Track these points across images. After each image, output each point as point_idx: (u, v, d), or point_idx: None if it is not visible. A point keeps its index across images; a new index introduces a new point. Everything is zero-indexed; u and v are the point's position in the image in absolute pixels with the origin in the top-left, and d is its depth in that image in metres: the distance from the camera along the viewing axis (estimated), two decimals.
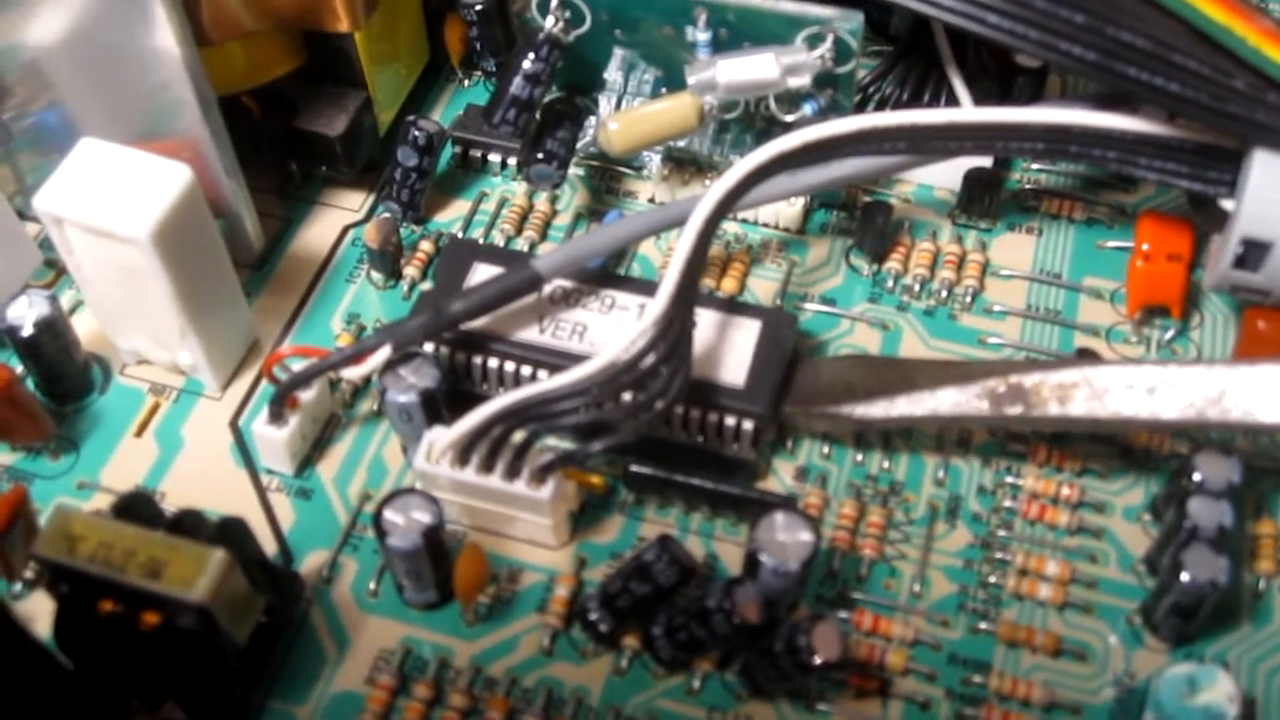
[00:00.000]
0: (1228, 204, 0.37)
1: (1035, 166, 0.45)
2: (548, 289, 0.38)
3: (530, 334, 0.37)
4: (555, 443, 0.37)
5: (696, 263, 0.35)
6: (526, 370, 0.36)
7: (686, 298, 0.34)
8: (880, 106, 0.44)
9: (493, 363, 0.37)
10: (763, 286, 0.42)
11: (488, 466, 0.34)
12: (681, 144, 0.43)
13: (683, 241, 0.35)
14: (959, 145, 0.38)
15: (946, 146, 0.38)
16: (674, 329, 0.34)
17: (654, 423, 0.34)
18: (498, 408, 0.33)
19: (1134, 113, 0.37)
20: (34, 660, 0.30)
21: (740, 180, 0.35)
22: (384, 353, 0.35)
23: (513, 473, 0.34)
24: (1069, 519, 0.36)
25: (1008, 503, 0.37)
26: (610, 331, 0.37)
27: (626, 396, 0.34)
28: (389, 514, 0.33)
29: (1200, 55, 0.34)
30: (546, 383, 0.34)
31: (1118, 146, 0.37)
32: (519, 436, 0.34)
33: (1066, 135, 0.37)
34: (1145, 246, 0.41)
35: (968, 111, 0.39)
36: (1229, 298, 0.41)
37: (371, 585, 0.36)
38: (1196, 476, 0.34)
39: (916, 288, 0.42)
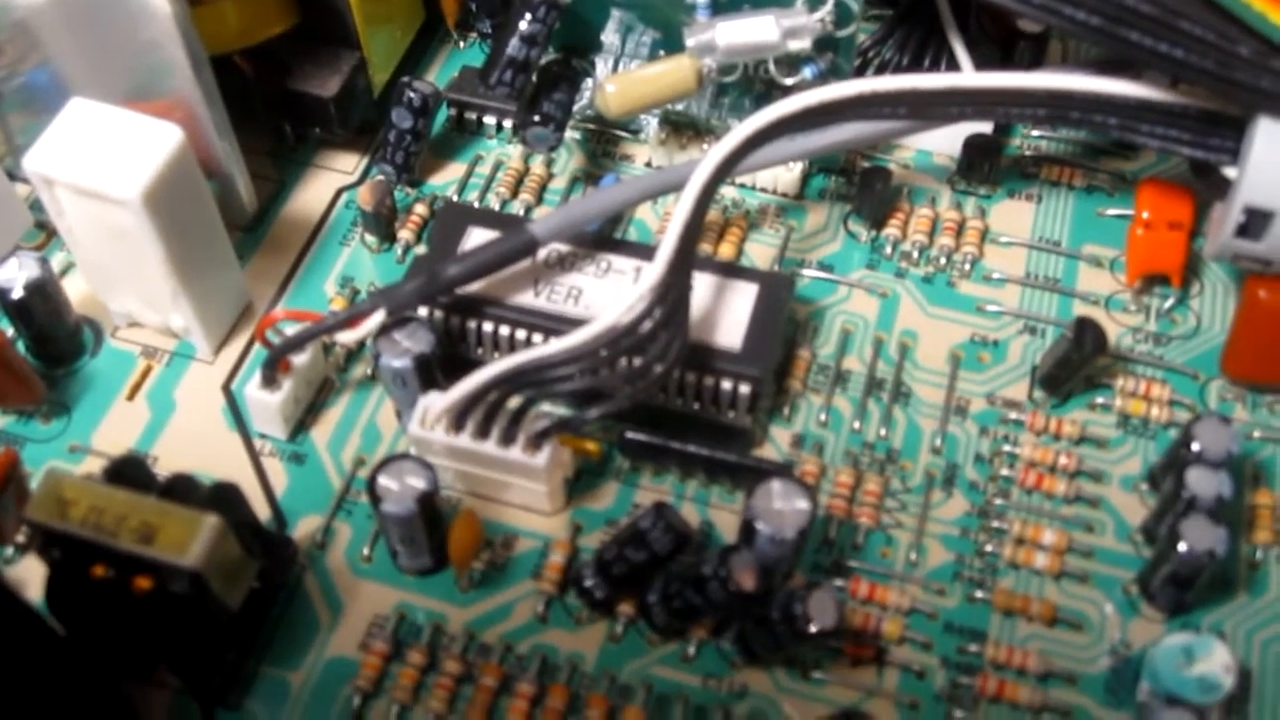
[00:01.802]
0: (1230, 172, 0.36)
1: (1035, 133, 0.45)
2: (543, 253, 0.37)
3: (526, 298, 0.36)
4: (551, 409, 0.37)
5: (694, 227, 0.34)
6: (522, 335, 0.36)
7: (684, 263, 0.34)
8: (880, 71, 0.44)
9: (487, 327, 0.36)
10: (760, 252, 0.41)
11: (483, 432, 0.34)
12: (679, 107, 0.42)
13: (680, 206, 0.34)
14: (960, 110, 0.37)
15: (947, 112, 0.37)
16: (671, 294, 0.34)
17: (651, 388, 0.34)
18: (494, 373, 0.33)
19: (1136, 79, 0.36)
20: (25, 625, 0.30)
21: (739, 145, 0.35)
22: (378, 317, 0.35)
23: (508, 439, 0.34)
24: (1066, 488, 0.36)
25: (1005, 471, 0.37)
26: (606, 295, 0.36)
27: (623, 362, 0.33)
28: (383, 480, 0.33)
29: (1205, 21, 0.34)
30: (543, 348, 0.34)
31: (1119, 113, 0.36)
32: (515, 402, 0.33)
33: (1068, 101, 0.37)
34: (1146, 214, 0.40)
35: (969, 76, 0.38)
36: (1230, 266, 0.41)
37: (365, 551, 0.35)
38: (1195, 446, 0.34)
39: (915, 254, 0.41)
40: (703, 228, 0.37)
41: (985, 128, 0.43)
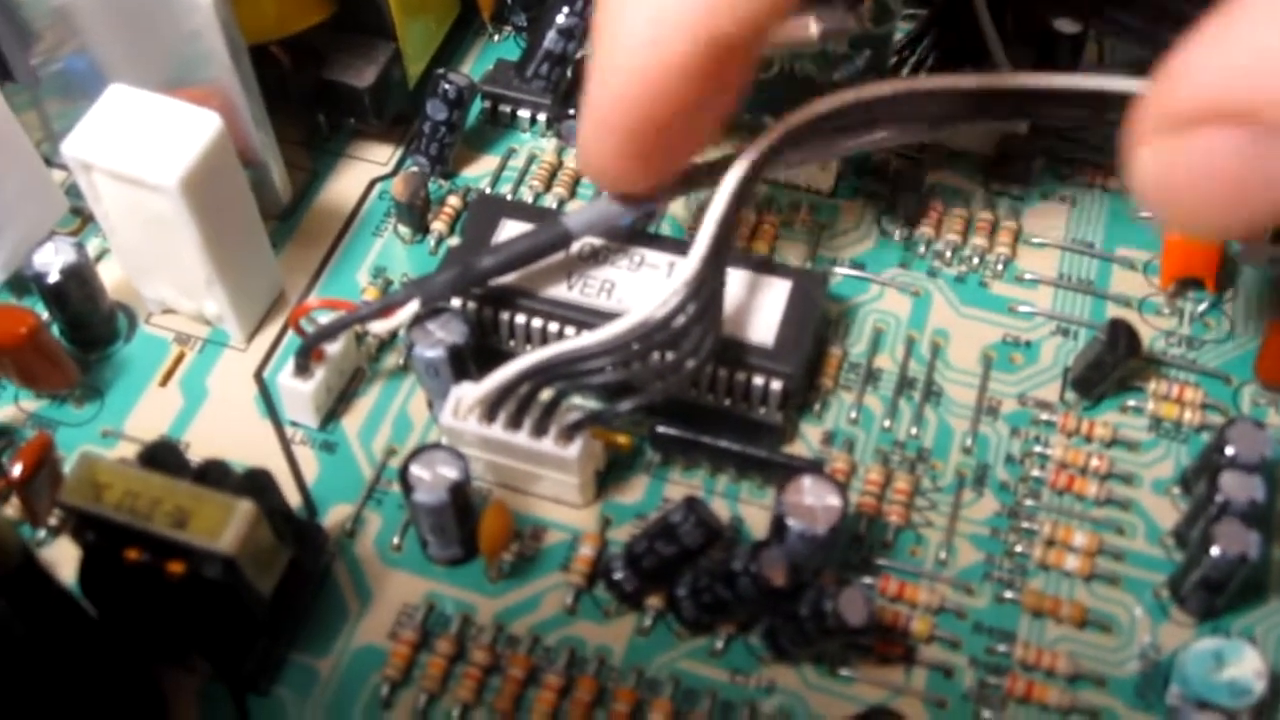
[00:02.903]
0: None
1: (1070, 133, 0.44)
2: (576, 246, 0.37)
3: (559, 290, 0.36)
4: (582, 401, 0.37)
5: (729, 223, 0.34)
6: (554, 327, 0.36)
7: (718, 258, 0.34)
8: (916, 70, 0.44)
9: (520, 319, 0.36)
10: (792, 249, 0.41)
11: (515, 423, 0.34)
12: None
13: (716, 201, 0.34)
14: (997, 110, 0.37)
15: (984, 111, 0.37)
16: (705, 289, 0.33)
17: (682, 384, 0.34)
18: (526, 365, 0.33)
19: None
20: (59, 607, 0.30)
21: (775, 143, 0.35)
22: (412, 307, 0.35)
23: (540, 430, 0.34)
24: (1097, 490, 0.36)
25: (1036, 472, 0.37)
26: (639, 289, 0.36)
27: (656, 356, 0.33)
28: (415, 469, 0.33)
29: None
30: (576, 340, 0.34)
31: None
32: (547, 394, 0.33)
33: (1107, 103, 0.36)
34: None
35: (1004, 77, 0.38)
36: (1264, 270, 0.41)
37: (395, 540, 0.35)
38: (1229, 450, 0.34)
39: (948, 254, 0.41)
40: (737, 224, 0.37)
41: (1020, 128, 0.42)
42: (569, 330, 0.36)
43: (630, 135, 0.31)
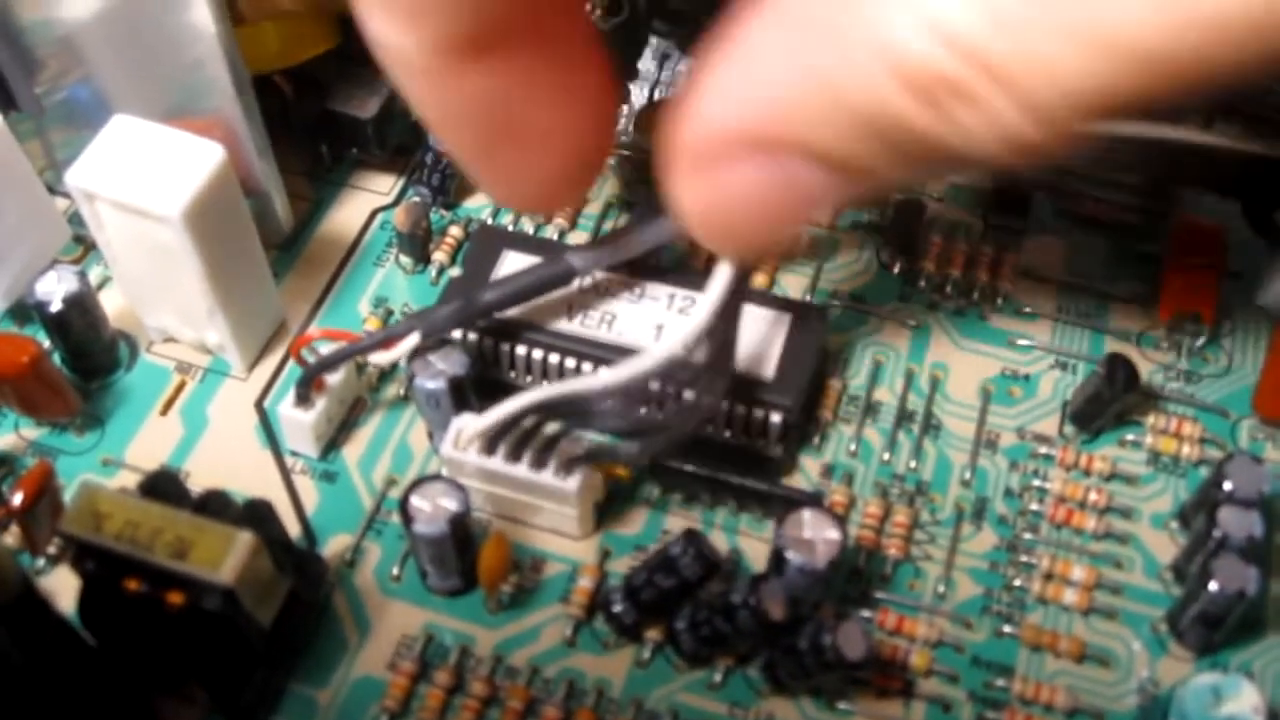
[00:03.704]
0: None
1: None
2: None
3: (559, 323, 0.37)
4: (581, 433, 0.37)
5: (742, 283, 0.32)
6: (555, 359, 0.36)
7: (729, 319, 0.32)
8: None
9: (520, 349, 0.36)
10: (792, 282, 0.42)
11: (515, 455, 0.34)
12: None
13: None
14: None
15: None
16: (714, 342, 0.32)
17: (671, 449, 0.34)
18: (530, 400, 0.33)
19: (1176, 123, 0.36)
20: (58, 636, 0.30)
21: None
22: (413, 339, 0.35)
23: (540, 463, 0.34)
24: (1096, 524, 0.36)
25: (1034, 506, 0.37)
26: (640, 322, 0.36)
27: (660, 404, 0.33)
28: (415, 500, 0.33)
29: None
30: (581, 381, 0.33)
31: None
32: (549, 429, 0.34)
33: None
34: (1179, 253, 0.40)
35: None
36: (1261, 307, 0.41)
37: (395, 570, 0.35)
38: (1227, 485, 0.34)
39: (947, 287, 0.41)
40: (751, 280, 0.35)
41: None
42: (569, 362, 0.36)
43: (466, 157, 0.30)
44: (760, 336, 0.36)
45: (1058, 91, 0.20)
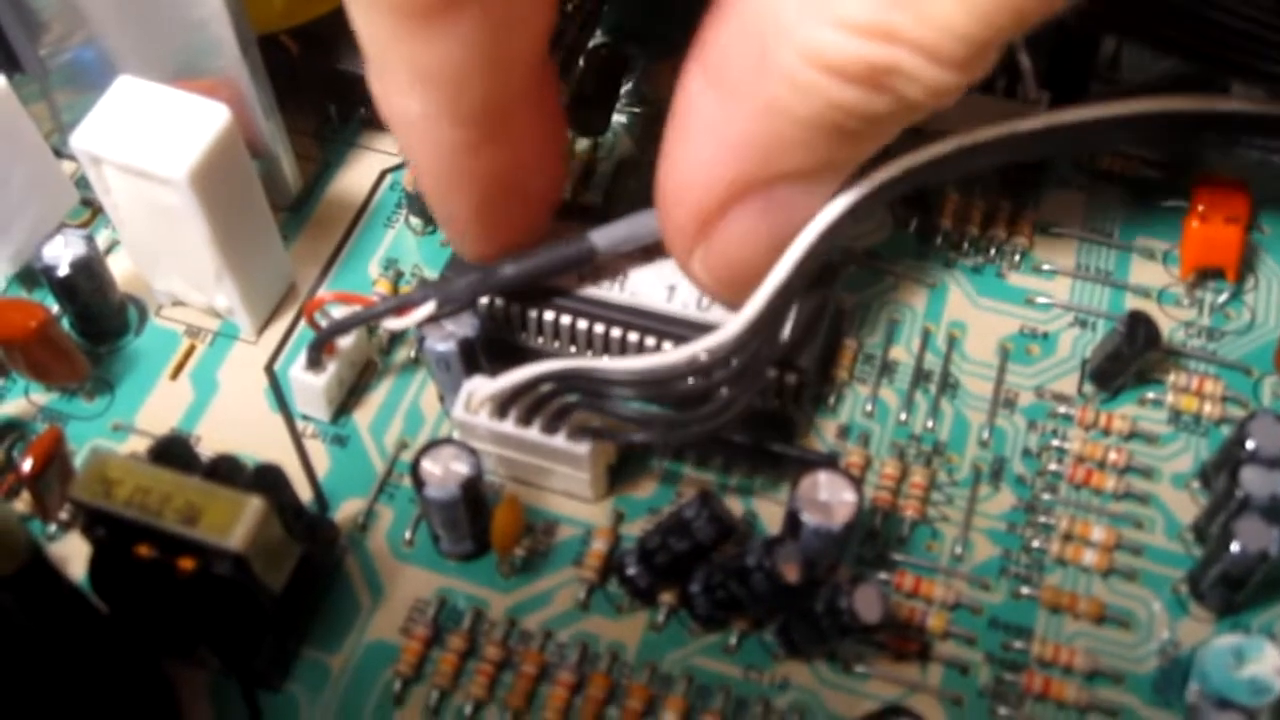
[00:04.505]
0: None
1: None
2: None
3: (569, 281, 0.36)
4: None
5: (791, 290, 0.31)
6: (566, 320, 0.36)
7: (772, 324, 0.32)
8: None
9: (531, 311, 0.36)
10: None
11: (527, 420, 0.34)
12: None
13: (780, 268, 0.31)
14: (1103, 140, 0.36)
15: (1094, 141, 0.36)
16: (746, 352, 0.32)
17: (687, 441, 0.33)
18: (546, 370, 0.33)
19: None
20: (69, 602, 0.30)
21: (865, 196, 0.31)
22: (428, 307, 0.35)
23: (551, 427, 0.34)
24: (1115, 484, 0.36)
25: (1053, 466, 0.36)
26: (653, 280, 0.36)
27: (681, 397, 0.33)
28: (427, 464, 0.33)
29: None
30: (603, 362, 0.33)
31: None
32: (563, 399, 0.33)
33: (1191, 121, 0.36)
34: (1201, 207, 0.40)
35: (1111, 106, 0.35)
36: None
37: (407, 535, 0.35)
38: (1250, 444, 0.34)
39: (964, 244, 0.41)
40: (799, 291, 0.33)
41: None
42: (580, 323, 0.35)
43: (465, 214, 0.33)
44: None
45: (953, 36, 0.25)
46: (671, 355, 0.32)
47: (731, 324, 0.31)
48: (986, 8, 0.25)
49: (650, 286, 0.36)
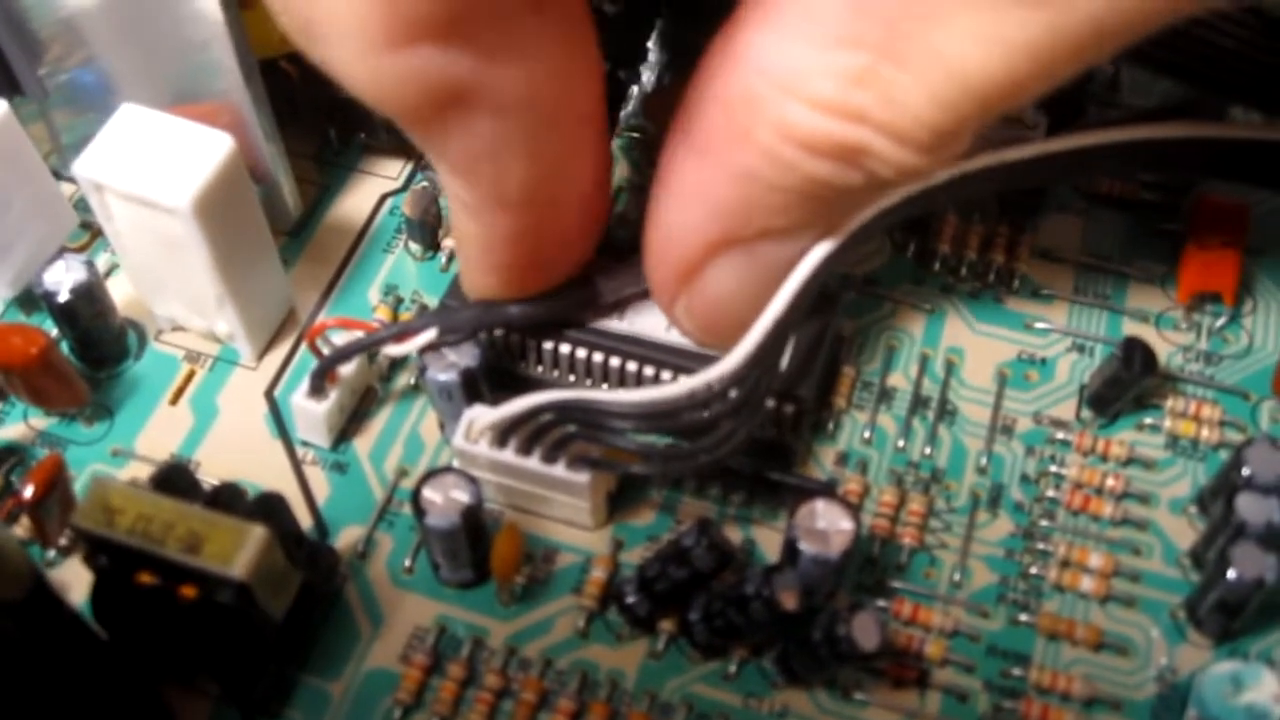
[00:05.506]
0: None
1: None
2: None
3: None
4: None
5: (790, 321, 0.31)
6: (565, 349, 0.36)
7: (771, 355, 0.32)
8: None
9: (531, 341, 0.36)
10: None
11: (527, 449, 0.34)
12: None
13: (778, 299, 0.31)
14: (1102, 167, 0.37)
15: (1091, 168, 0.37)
16: (745, 387, 0.32)
17: (689, 472, 0.34)
18: (548, 400, 0.33)
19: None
20: (70, 629, 0.30)
21: (862, 226, 0.31)
22: (429, 335, 0.35)
23: (552, 457, 0.34)
24: (1113, 510, 0.36)
25: (1051, 492, 0.36)
26: (651, 310, 0.36)
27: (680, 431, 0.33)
28: (427, 492, 0.33)
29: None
30: (602, 394, 0.33)
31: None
32: (562, 430, 0.33)
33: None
34: (1198, 231, 0.40)
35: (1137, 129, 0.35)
36: None
37: (407, 562, 0.35)
38: (1246, 471, 0.34)
39: (962, 269, 0.41)
40: (798, 323, 0.32)
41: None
42: (580, 352, 0.35)
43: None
44: None
45: (918, 123, 0.26)
46: (671, 388, 0.32)
47: (730, 357, 0.31)
48: (952, 96, 0.25)
49: (651, 317, 0.36)
